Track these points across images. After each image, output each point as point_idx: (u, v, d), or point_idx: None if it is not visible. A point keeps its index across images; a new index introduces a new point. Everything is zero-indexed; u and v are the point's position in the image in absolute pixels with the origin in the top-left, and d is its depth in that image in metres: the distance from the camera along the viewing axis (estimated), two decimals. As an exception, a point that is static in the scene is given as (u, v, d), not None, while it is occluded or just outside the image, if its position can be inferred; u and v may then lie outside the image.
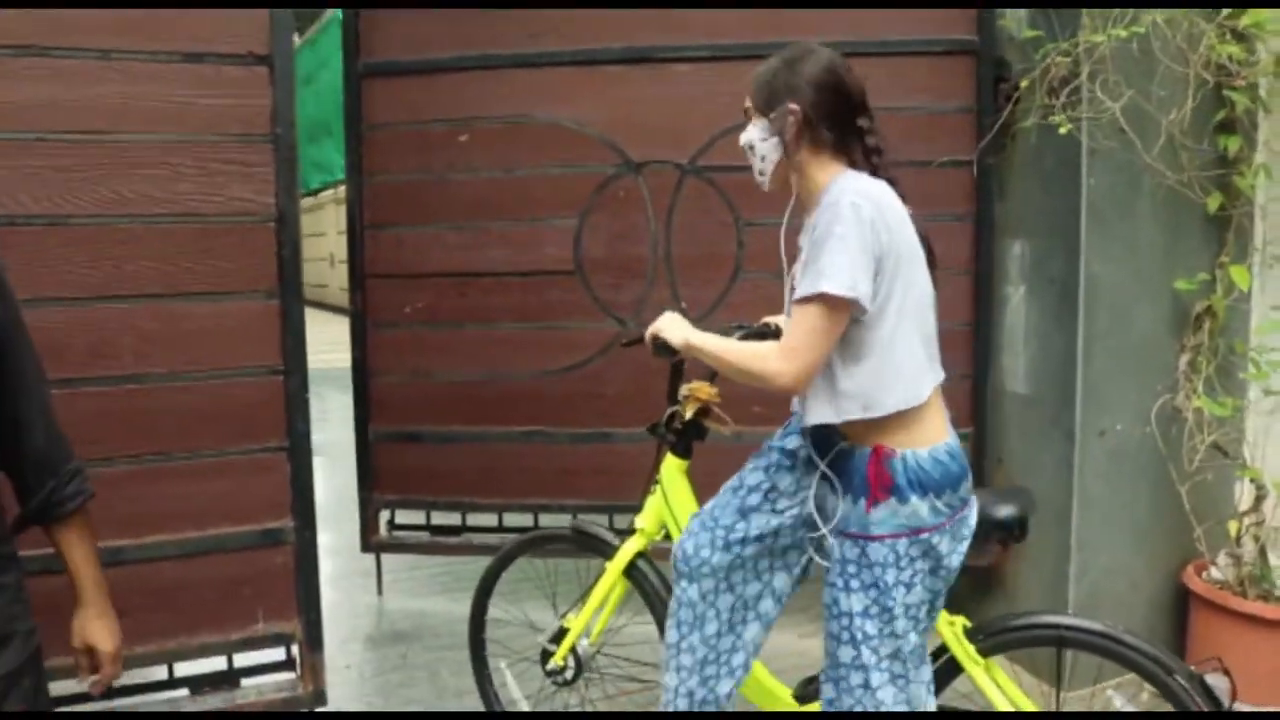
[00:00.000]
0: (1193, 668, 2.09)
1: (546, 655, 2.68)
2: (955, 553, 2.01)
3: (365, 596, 4.03)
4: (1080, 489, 3.09)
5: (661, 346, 2.28)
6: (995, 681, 2.23)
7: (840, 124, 1.96)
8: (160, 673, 2.66)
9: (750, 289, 3.44)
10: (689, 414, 2.49)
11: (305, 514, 2.57)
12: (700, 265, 3.48)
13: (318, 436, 6.52)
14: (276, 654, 2.72)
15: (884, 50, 3.32)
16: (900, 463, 1.94)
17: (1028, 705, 2.22)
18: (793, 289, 1.95)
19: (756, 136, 2.08)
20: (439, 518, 3.87)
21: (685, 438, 2.49)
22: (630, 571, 2.54)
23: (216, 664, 2.69)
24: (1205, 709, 2.03)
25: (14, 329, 1.70)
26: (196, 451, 2.48)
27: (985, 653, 2.25)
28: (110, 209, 2.38)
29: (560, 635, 2.66)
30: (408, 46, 3.62)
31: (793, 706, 2.38)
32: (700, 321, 3.38)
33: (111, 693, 2.58)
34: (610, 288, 3.56)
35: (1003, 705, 2.21)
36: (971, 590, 3.58)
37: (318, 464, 3.63)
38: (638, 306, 3.52)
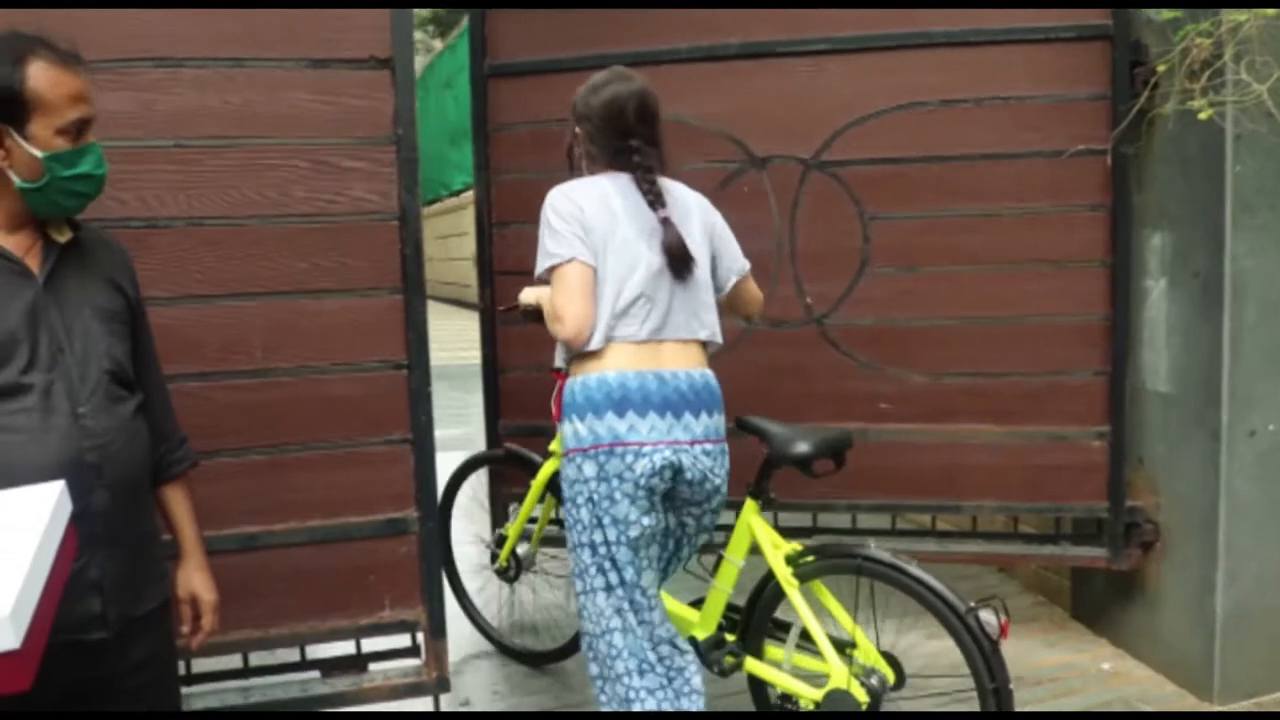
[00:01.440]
0: (971, 603, 2.35)
1: (493, 558, 3.59)
2: (616, 495, 2.32)
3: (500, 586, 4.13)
4: (1227, 492, 2.97)
5: (525, 313, 2.72)
6: (820, 602, 2.57)
7: (610, 144, 2.50)
8: (293, 656, 2.80)
9: (878, 284, 3.42)
10: None
11: (428, 505, 2.66)
12: (826, 260, 3.47)
13: (459, 430, 6.76)
14: (403, 640, 2.83)
15: (1011, 38, 3.27)
16: (568, 388, 2.42)
17: (845, 622, 2.52)
18: None
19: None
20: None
21: None
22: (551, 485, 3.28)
23: (346, 648, 2.81)
24: (980, 641, 2.32)
25: (140, 313, 1.95)
26: (324, 443, 2.60)
27: (802, 577, 2.56)
28: (241, 211, 2.52)
29: (501, 541, 3.56)
30: (531, 47, 3.71)
31: None
32: (827, 317, 3.44)
33: (248, 672, 2.75)
34: (734, 283, 3.62)
35: (810, 623, 2.50)
36: (1114, 596, 3.51)
37: (460, 457, 3.84)
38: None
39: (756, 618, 2.68)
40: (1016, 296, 3.36)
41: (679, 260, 2.40)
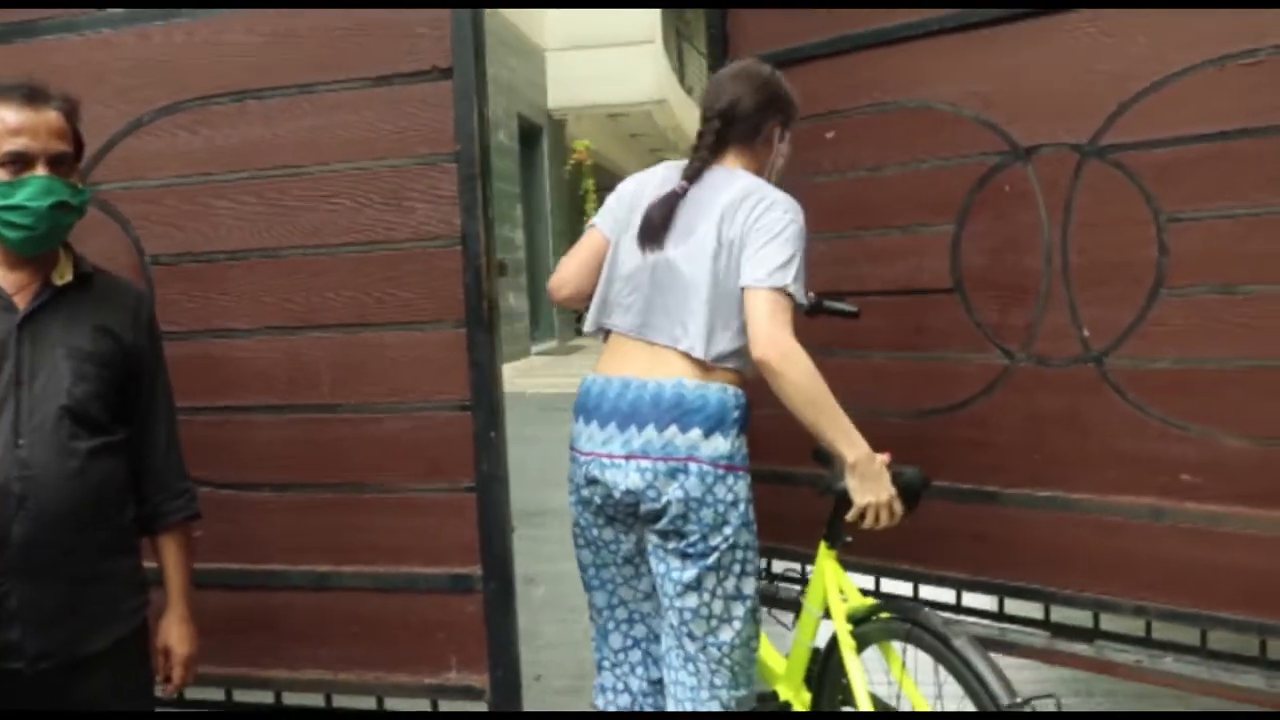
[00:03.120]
0: (1019, 698, 2.03)
1: None
2: (570, 499, 2.29)
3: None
4: None
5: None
6: (888, 666, 2.32)
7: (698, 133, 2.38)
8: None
9: (1178, 310, 2.50)
10: None
11: (493, 562, 2.39)
12: (1108, 277, 2.61)
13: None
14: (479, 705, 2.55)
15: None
16: None
17: (909, 692, 2.26)
18: None
19: None
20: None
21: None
22: None
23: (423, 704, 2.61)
24: None
25: (152, 360, 2.02)
26: (389, 485, 2.44)
27: (862, 637, 2.33)
28: (308, 240, 2.43)
29: None
30: (771, 39, 3.24)
31: None
32: (1109, 354, 2.63)
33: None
34: (996, 308, 2.83)
35: (858, 690, 2.25)
36: None
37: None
38: (1028, 333, 2.75)
39: (829, 679, 2.45)
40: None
41: (646, 229, 2.22)
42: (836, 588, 2.41)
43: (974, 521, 2.90)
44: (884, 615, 2.27)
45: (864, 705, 2.21)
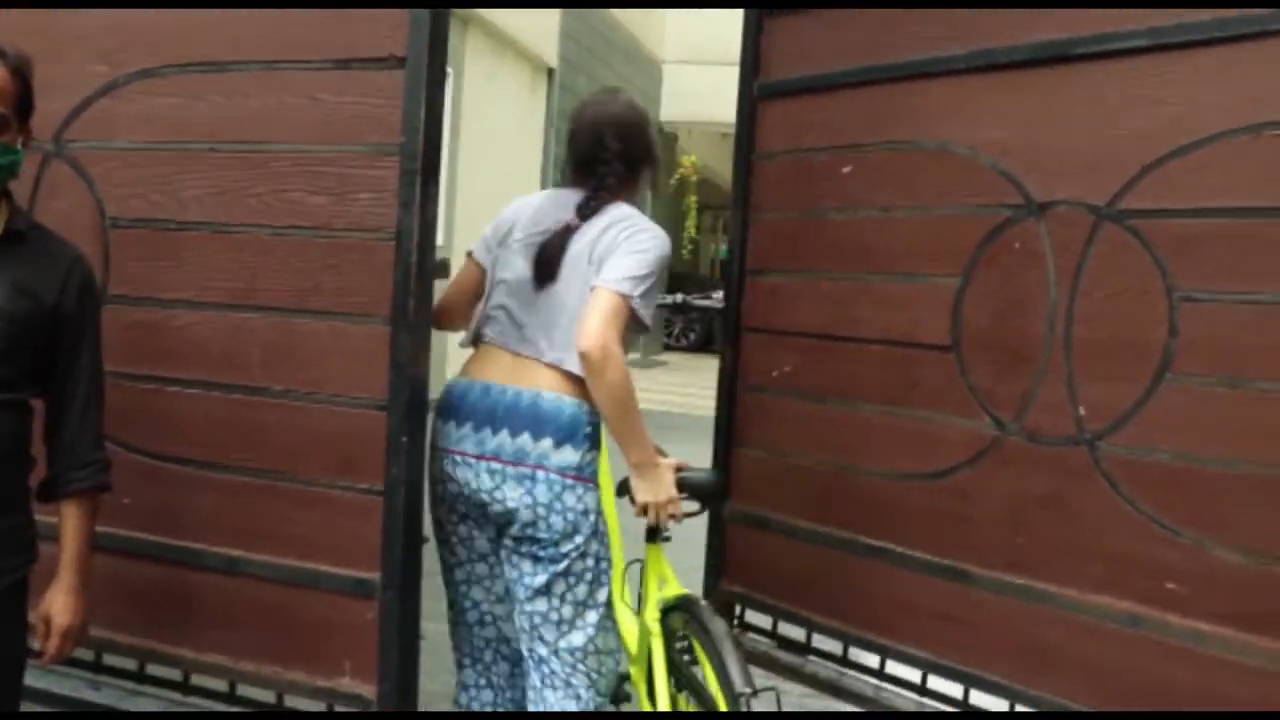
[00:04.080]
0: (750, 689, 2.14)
1: None
2: (432, 495, 2.36)
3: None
4: None
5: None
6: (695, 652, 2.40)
7: (572, 162, 2.47)
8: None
9: (1183, 397, 2.23)
10: None
11: (391, 571, 2.25)
12: (1112, 353, 2.35)
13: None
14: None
15: None
16: None
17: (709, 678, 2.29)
18: None
19: None
20: (786, 629, 3.16)
21: None
22: None
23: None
24: None
25: (77, 324, 1.92)
26: (306, 477, 2.34)
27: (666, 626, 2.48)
28: (255, 219, 2.34)
29: None
30: (803, 61, 3.06)
31: None
32: (1103, 438, 2.38)
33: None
34: (991, 373, 2.59)
35: (659, 674, 2.41)
36: None
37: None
38: (1021, 404, 2.51)
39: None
40: None
41: (539, 266, 2.31)
42: (658, 578, 2.49)
43: (944, 600, 2.67)
44: (678, 607, 2.40)
45: (660, 684, 2.39)
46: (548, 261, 2.29)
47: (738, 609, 3.31)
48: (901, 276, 2.79)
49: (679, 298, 17.82)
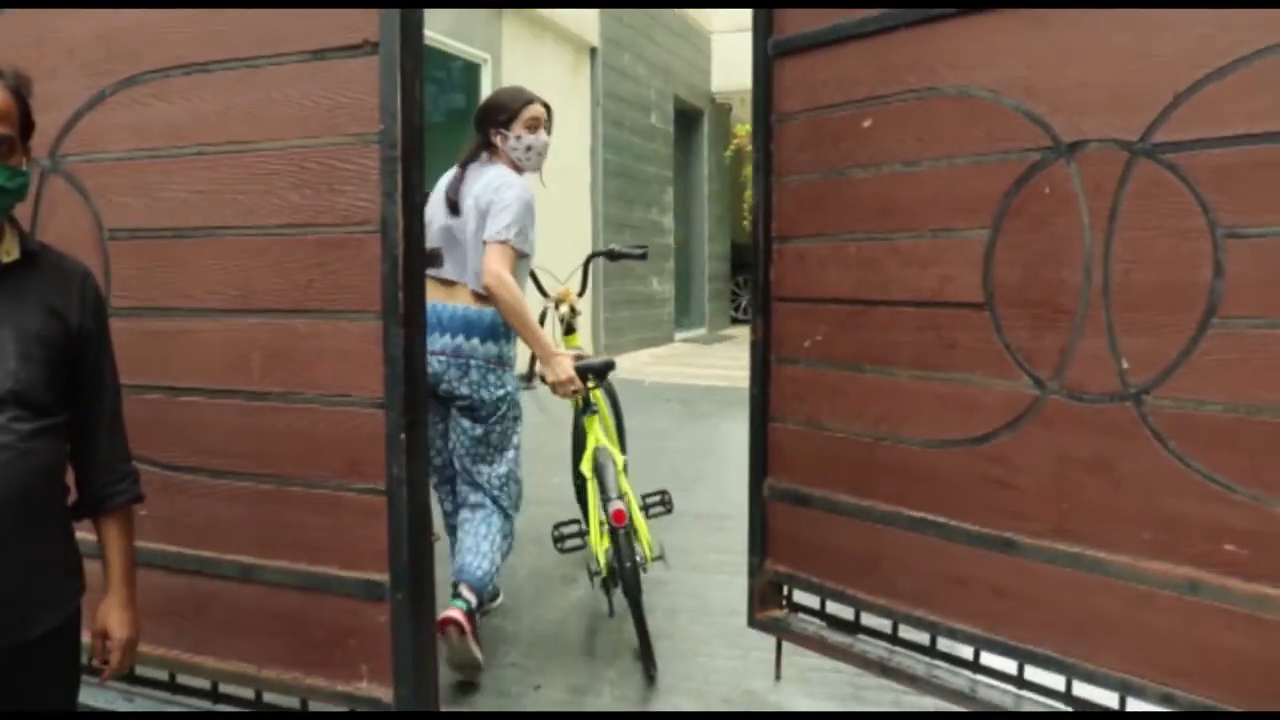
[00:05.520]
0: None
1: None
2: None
3: (759, 680, 3.29)
4: None
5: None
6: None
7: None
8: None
9: (1233, 343, 2.06)
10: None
11: (399, 572, 2.19)
12: (1153, 300, 2.18)
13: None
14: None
15: None
16: None
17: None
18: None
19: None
20: (835, 607, 3.04)
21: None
22: None
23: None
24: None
25: (97, 340, 1.93)
26: (313, 480, 2.29)
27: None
28: (247, 220, 2.28)
29: None
30: (816, 15, 2.96)
31: None
32: (1148, 391, 2.22)
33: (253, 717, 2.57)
34: (1028, 329, 2.44)
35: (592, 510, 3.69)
36: None
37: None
38: (1060, 360, 2.36)
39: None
40: None
41: (449, 204, 3.46)
42: (592, 439, 3.70)
43: (993, 572, 2.53)
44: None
45: (593, 508, 3.66)
46: (451, 204, 3.45)
47: (785, 590, 3.20)
48: (929, 233, 2.64)
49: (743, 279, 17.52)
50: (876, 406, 2.81)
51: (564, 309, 4.11)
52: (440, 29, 8.16)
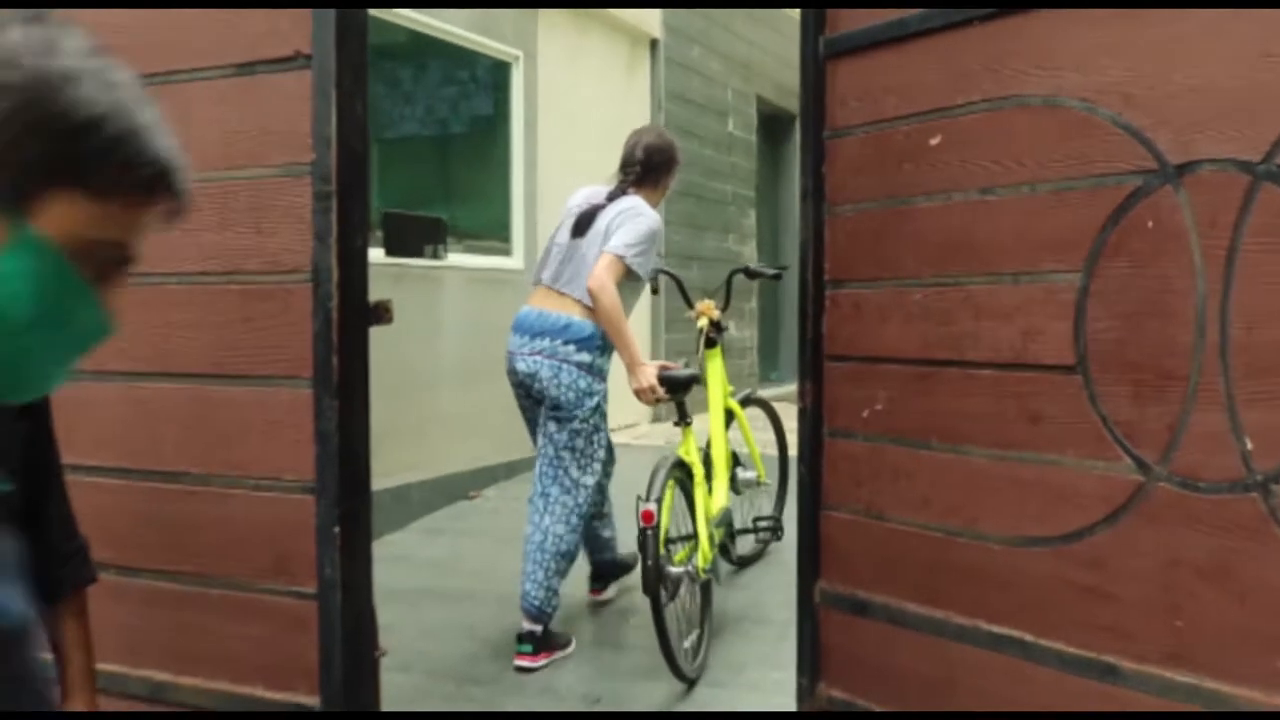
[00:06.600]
0: None
1: None
2: (511, 385, 5.00)
3: None
4: None
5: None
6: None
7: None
8: None
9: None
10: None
11: (334, 697, 2.15)
12: None
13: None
14: None
15: None
16: None
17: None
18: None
19: None
20: None
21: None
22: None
23: None
24: None
25: (45, 408, 1.94)
26: (235, 581, 2.28)
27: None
28: (164, 267, 2.30)
29: None
30: (883, 13, 2.94)
31: None
32: (1278, 480, 2.16)
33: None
34: (1128, 398, 2.37)
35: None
36: None
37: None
38: (1169, 439, 2.28)
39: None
40: None
41: (578, 224, 4.83)
42: (683, 450, 4.93)
43: (1088, 703, 2.44)
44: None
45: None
46: (579, 226, 4.77)
47: (841, 720, 3.14)
48: (1009, 277, 2.60)
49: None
50: (948, 494, 2.76)
51: (703, 322, 5.39)
52: (462, 23, 8.33)
